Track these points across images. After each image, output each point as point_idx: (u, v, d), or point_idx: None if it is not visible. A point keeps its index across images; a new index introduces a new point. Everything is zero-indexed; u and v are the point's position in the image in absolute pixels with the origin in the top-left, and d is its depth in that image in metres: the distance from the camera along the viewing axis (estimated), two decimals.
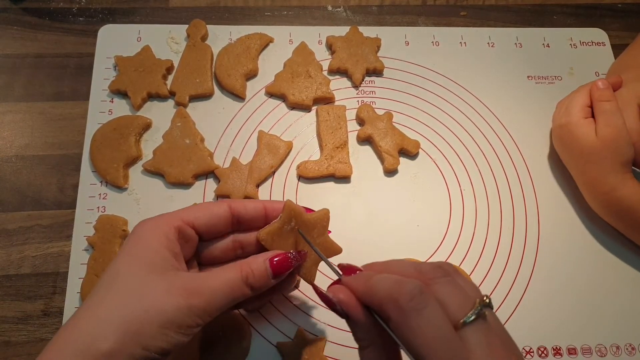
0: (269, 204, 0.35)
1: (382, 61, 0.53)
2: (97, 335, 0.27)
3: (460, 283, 0.28)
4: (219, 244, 0.35)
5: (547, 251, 0.47)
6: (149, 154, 0.48)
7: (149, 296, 0.28)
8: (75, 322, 0.28)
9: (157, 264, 0.30)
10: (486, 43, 0.56)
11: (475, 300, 0.27)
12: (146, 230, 0.31)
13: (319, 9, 0.57)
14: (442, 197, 0.48)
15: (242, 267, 0.31)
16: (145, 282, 0.29)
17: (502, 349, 0.26)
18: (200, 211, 0.33)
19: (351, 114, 0.51)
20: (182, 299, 0.29)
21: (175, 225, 0.32)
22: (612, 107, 0.43)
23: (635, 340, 0.43)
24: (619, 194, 0.43)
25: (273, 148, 0.48)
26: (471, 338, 0.26)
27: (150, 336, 0.28)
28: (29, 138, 0.49)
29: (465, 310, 0.26)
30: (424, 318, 0.25)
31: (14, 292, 0.43)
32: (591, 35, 0.57)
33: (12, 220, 0.45)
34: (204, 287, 0.30)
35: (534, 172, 0.50)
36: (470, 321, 0.26)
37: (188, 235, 0.33)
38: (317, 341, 0.41)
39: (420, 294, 0.26)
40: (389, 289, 0.27)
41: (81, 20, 0.54)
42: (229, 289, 0.30)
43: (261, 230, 0.34)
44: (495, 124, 0.52)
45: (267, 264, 0.32)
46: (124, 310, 0.28)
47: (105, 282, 0.30)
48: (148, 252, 0.30)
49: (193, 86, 0.50)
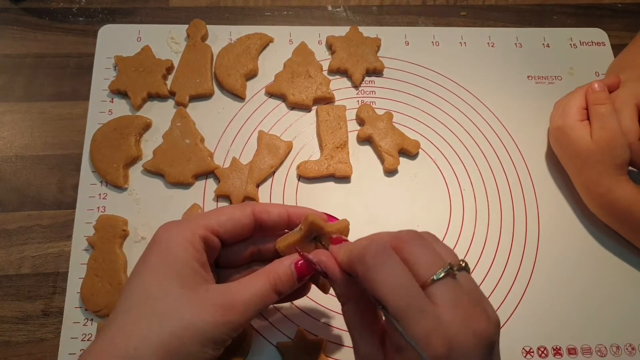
0: (293, 210, 0.35)
1: (382, 61, 0.53)
2: (138, 355, 0.27)
3: (436, 247, 0.29)
4: (238, 248, 0.35)
5: (547, 251, 0.47)
6: (149, 154, 0.48)
7: (186, 314, 0.28)
8: (112, 341, 0.28)
9: (189, 278, 0.30)
10: (486, 43, 0.56)
11: (447, 261, 0.28)
12: (172, 240, 0.31)
13: (319, 9, 0.57)
14: (442, 197, 0.48)
15: (269, 275, 0.31)
16: (180, 299, 0.29)
17: (470, 304, 0.27)
18: (223, 217, 0.33)
19: (351, 114, 0.51)
20: (220, 316, 0.29)
21: (201, 235, 0.31)
22: (607, 110, 0.43)
23: (635, 340, 0.43)
24: (614, 195, 0.43)
25: (273, 148, 0.48)
26: (438, 293, 0.27)
27: (189, 354, 0.28)
28: (29, 138, 0.49)
29: (435, 268, 0.27)
30: (385, 271, 0.27)
31: (14, 292, 0.43)
32: (591, 35, 0.57)
33: (12, 220, 0.45)
34: (238, 301, 0.30)
35: (534, 172, 0.50)
36: (440, 278, 0.27)
37: (212, 243, 0.32)
38: (317, 341, 0.41)
39: (383, 250, 0.28)
40: (359, 250, 0.29)
41: (81, 20, 0.54)
42: (260, 299, 0.31)
43: (279, 241, 0.34)
44: (495, 124, 0.52)
45: (292, 268, 0.32)
46: (162, 330, 0.28)
47: (137, 298, 0.29)
48: (177, 264, 0.30)
49: (193, 86, 0.50)
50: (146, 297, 0.29)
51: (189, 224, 0.32)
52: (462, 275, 0.28)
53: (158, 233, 0.31)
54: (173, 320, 0.28)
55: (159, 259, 0.30)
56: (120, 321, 0.29)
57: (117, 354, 0.27)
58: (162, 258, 0.30)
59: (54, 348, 0.41)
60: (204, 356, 0.28)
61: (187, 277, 0.30)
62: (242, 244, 0.35)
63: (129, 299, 0.29)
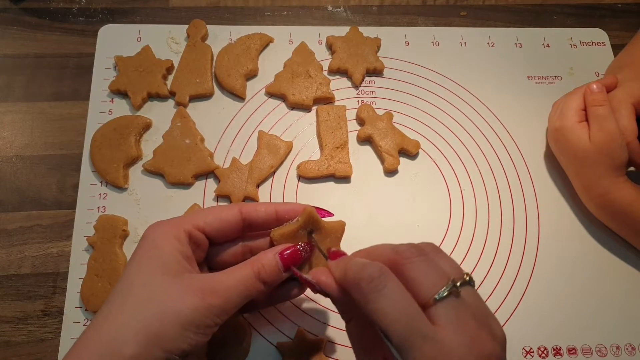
0: (281, 207, 0.35)
1: (382, 61, 0.53)
2: (120, 340, 0.27)
3: (438, 262, 0.28)
4: (229, 249, 0.35)
5: (547, 251, 0.47)
6: (149, 154, 0.48)
7: (167, 299, 0.29)
8: (96, 329, 0.29)
9: (172, 267, 0.30)
10: (486, 43, 0.56)
11: (450, 277, 0.27)
12: (158, 235, 0.31)
13: (319, 9, 0.57)
14: (442, 197, 0.48)
15: (253, 264, 0.32)
16: (162, 285, 0.29)
17: (475, 325, 0.26)
18: (210, 216, 0.33)
19: (351, 114, 0.51)
20: (199, 300, 0.29)
21: (186, 230, 0.32)
22: (605, 111, 0.43)
23: (635, 340, 0.43)
24: (613, 196, 0.43)
25: (273, 148, 0.48)
26: (441, 314, 0.26)
27: (171, 338, 0.28)
28: (29, 138, 0.49)
29: (438, 287, 0.27)
30: (383, 298, 0.26)
31: (14, 292, 0.43)
32: (591, 35, 0.57)
33: (12, 220, 0.45)
34: (220, 286, 0.30)
35: (534, 172, 0.50)
36: (442, 297, 0.26)
37: (199, 240, 0.33)
38: (317, 341, 0.41)
39: (379, 275, 0.27)
40: (354, 273, 0.28)
41: (81, 20, 0.54)
42: (243, 285, 0.31)
43: (274, 230, 0.34)
44: (496, 124, 0.52)
45: (277, 257, 0.32)
46: (143, 314, 0.28)
47: (122, 288, 0.30)
48: (161, 256, 0.30)
49: (193, 86, 0.50)
50: (129, 286, 0.30)
51: (176, 220, 0.33)
52: (466, 291, 0.27)
53: (146, 230, 0.32)
54: (154, 304, 0.29)
55: (144, 252, 0.31)
56: (105, 310, 0.29)
57: (100, 340, 0.28)
58: (147, 251, 0.31)
59: (54, 348, 0.41)
60: (186, 341, 0.28)
61: (170, 266, 0.30)
62: (232, 244, 0.35)
63: (115, 290, 0.30)
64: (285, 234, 0.34)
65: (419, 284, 0.27)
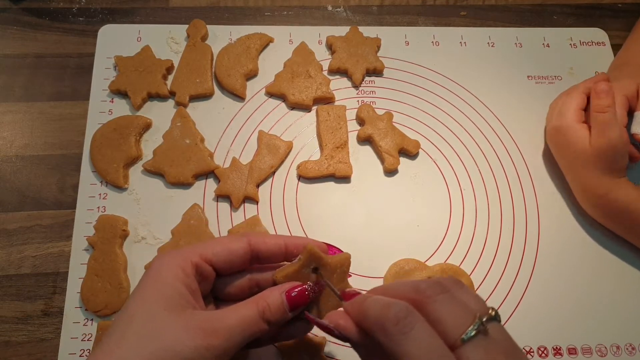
0: (290, 240, 0.34)
1: (382, 61, 0.53)
2: None
3: (462, 297, 0.27)
4: (236, 281, 0.34)
5: (547, 251, 0.47)
6: (149, 154, 0.48)
7: (167, 336, 0.28)
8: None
9: (174, 301, 0.29)
10: (486, 43, 0.56)
11: (476, 314, 0.26)
12: (164, 266, 0.31)
13: (319, 9, 0.57)
14: (442, 197, 0.48)
15: (258, 302, 0.31)
16: (162, 321, 0.28)
17: None
18: (218, 246, 0.32)
19: (351, 114, 0.51)
20: (200, 339, 0.28)
21: (193, 261, 0.31)
22: (609, 118, 0.42)
23: (635, 340, 0.43)
24: (613, 196, 0.43)
25: (273, 148, 0.48)
26: (470, 355, 0.25)
27: None
28: (29, 138, 0.49)
29: (465, 326, 0.25)
30: (411, 341, 0.25)
31: (14, 292, 0.43)
32: (591, 35, 0.57)
33: (12, 220, 0.45)
34: (221, 326, 0.29)
35: (534, 172, 0.50)
36: (470, 337, 0.25)
37: (206, 272, 0.32)
38: (317, 341, 0.41)
39: (406, 316, 0.26)
40: (377, 313, 0.27)
41: (81, 20, 0.54)
42: (246, 325, 0.30)
43: (277, 272, 0.33)
44: (496, 124, 0.52)
45: (283, 297, 0.31)
46: (143, 350, 0.27)
47: (123, 320, 0.29)
48: (165, 289, 0.30)
49: (193, 86, 0.50)
50: (130, 319, 0.29)
51: (183, 251, 0.32)
52: (493, 327, 0.26)
53: (153, 259, 0.31)
54: (153, 342, 0.28)
55: (148, 283, 0.30)
56: (105, 343, 0.28)
57: None
58: (151, 282, 0.30)
59: (54, 348, 0.41)
60: None
61: (173, 301, 0.29)
62: (239, 275, 0.34)
63: (115, 322, 0.29)
64: (289, 275, 0.32)
65: (445, 323, 0.26)
